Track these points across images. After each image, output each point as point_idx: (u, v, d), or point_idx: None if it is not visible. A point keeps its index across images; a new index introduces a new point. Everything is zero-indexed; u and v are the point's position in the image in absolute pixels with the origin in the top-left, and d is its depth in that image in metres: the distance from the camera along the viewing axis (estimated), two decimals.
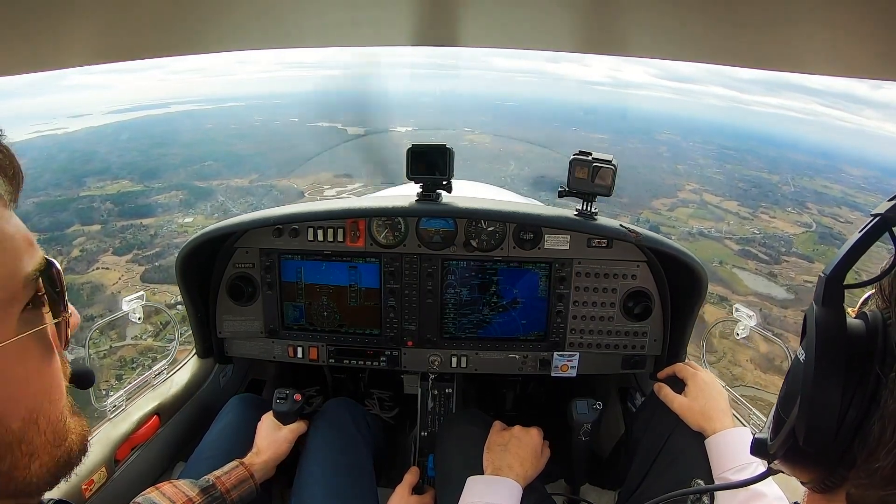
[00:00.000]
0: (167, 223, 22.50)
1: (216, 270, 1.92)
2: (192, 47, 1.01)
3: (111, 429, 1.57)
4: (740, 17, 0.70)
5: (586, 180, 1.67)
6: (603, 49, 1.08)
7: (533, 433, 1.58)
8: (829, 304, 0.53)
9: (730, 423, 1.42)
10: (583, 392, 1.71)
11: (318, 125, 43.78)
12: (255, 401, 1.89)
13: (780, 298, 19.61)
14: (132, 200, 24.58)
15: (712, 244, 24.22)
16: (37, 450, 0.58)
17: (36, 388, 0.58)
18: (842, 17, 0.62)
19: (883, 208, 0.53)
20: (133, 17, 0.77)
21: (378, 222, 1.89)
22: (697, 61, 1.00)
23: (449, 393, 2.07)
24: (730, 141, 56.59)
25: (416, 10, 0.94)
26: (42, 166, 23.86)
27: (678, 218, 28.35)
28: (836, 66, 0.83)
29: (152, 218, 22.91)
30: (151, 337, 13.83)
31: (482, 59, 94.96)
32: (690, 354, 1.93)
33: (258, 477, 1.49)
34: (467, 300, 1.94)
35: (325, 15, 0.92)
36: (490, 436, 1.59)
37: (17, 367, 0.55)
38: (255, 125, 52.50)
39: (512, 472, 1.43)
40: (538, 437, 1.59)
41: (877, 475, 0.47)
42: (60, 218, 20.41)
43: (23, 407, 0.56)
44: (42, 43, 0.75)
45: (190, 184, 28.18)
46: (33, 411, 0.57)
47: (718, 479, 1.32)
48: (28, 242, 0.56)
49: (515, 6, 0.85)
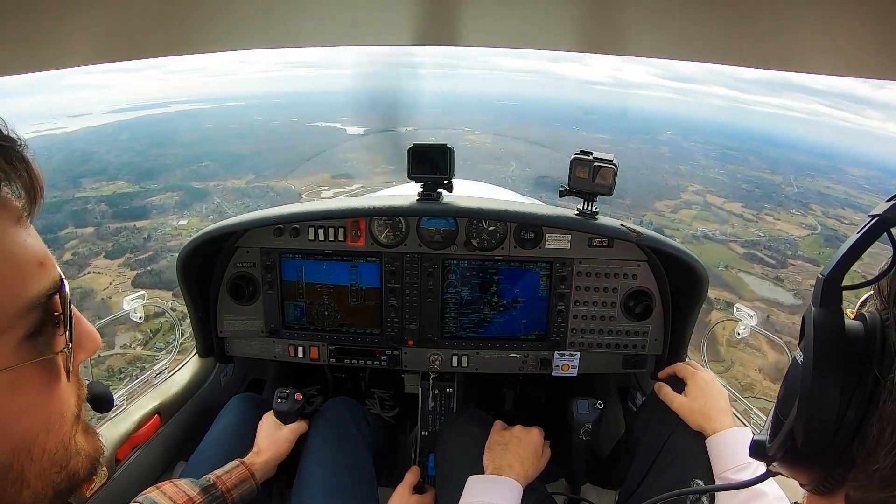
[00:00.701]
0: (161, 225, 22.46)
1: (217, 270, 1.92)
2: (192, 47, 1.01)
3: (112, 428, 1.57)
4: (741, 16, 0.70)
5: (587, 180, 1.67)
6: (604, 49, 1.07)
7: (534, 433, 1.58)
8: (827, 306, 0.53)
9: (730, 423, 1.42)
10: (583, 391, 1.71)
11: (316, 125, 43.24)
12: (256, 400, 1.89)
13: (788, 304, 19.55)
14: (127, 202, 24.54)
15: (717, 247, 24.15)
16: (28, 479, 0.54)
17: (31, 420, 0.54)
18: (843, 16, 0.61)
19: (881, 209, 0.53)
20: (133, 17, 0.76)
21: (379, 222, 1.89)
22: (698, 61, 1.00)
23: (450, 392, 2.07)
24: (731, 141, 56.32)
25: (416, 10, 0.94)
26: (40, 167, 24.00)
27: (682, 220, 28.28)
28: (838, 66, 0.83)
29: (147, 220, 22.88)
30: (141, 346, 13.75)
31: (483, 58, 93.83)
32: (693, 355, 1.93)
33: (259, 476, 1.50)
34: (468, 300, 1.94)
35: (325, 15, 0.91)
36: (491, 435, 1.59)
37: (9, 399, 0.51)
38: (255, 125, 52.22)
39: (512, 472, 1.43)
40: (539, 437, 1.58)
41: (876, 476, 0.47)
42: (54, 220, 20.34)
43: (12, 440, 0.52)
44: (42, 43, 0.75)
45: (187, 185, 28.13)
46: (24, 442, 0.53)
47: (719, 478, 1.31)
48: (37, 264, 0.52)
49: (516, 5, 0.84)
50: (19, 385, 0.51)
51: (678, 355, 1.89)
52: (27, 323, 0.51)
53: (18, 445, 0.52)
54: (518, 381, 2.62)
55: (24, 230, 0.52)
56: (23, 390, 0.52)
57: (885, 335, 0.49)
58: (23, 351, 0.51)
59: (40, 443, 0.54)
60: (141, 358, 12.78)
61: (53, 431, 0.56)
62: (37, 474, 0.55)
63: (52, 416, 0.56)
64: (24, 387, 0.52)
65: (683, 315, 1.84)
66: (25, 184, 0.52)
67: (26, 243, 0.52)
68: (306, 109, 68.40)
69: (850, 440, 0.49)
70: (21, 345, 0.51)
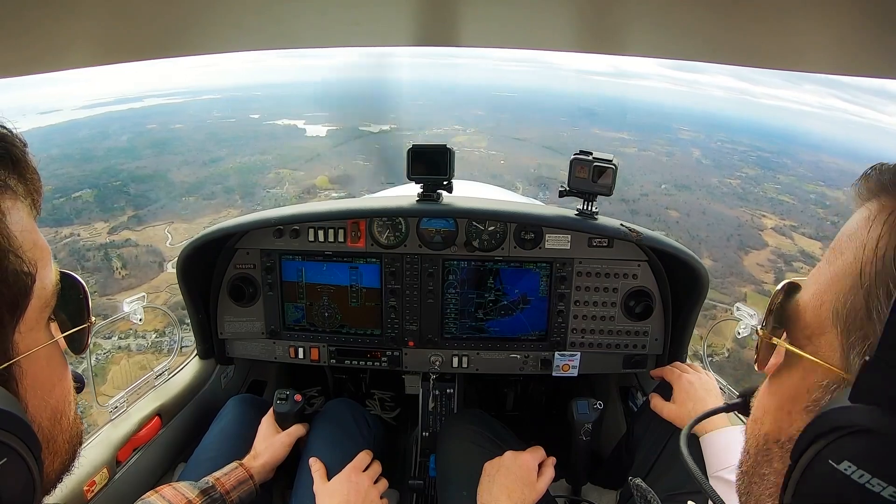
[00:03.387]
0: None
1: (217, 271, 1.92)
2: (191, 49, 1.01)
3: (112, 430, 1.57)
4: (741, 15, 0.70)
5: (587, 180, 1.67)
6: (603, 49, 1.07)
7: (523, 459, 1.44)
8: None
9: (720, 423, 1.40)
10: (584, 392, 1.71)
11: (277, 123, 41.23)
12: (254, 401, 1.89)
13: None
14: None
15: None
16: (59, 448, 0.61)
17: (61, 389, 0.62)
18: (843, 15, 0.61)
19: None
20: (132, 19, 0.76)
21: (379, 223, 1.89)
22: (698, 60, 1.00)
23: (450, 393, 2.07)
24: (757, 140, 51.52)
25: (416, 10, 0.94)
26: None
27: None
28: (838, 65, 0.83)
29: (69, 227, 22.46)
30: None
31: (475, 48, 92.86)
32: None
33: (257, 479, 1.50)
34: (468, 300, 1.93)
35: (325, 15, 0.91)
36: (486, 463, 1.48)
37: (46, 370, 0.59)
38: (206, 124, 49.56)
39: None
40: (531, 462, 1.44)
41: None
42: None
43: (50, 408, 0.59)
44: (42, 44, 0.75)
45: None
46: (57, 411, 0.61)
47: (713, 478, 1.31)
48: (51, 253, 0.59)
49: (516, 5, 0.84)
50: (51, 358, 0.60)
51: (679, 355, 1.89)
52: (54, 303, 0.60)
53: (54, 414, 0.60)
54: (519, 382, 2.62)
55: (35, 223, 0.59)
56: (54, 363, 0.60)
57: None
58: (53, 329, 0.60)
59: (66, 412, 0.63)
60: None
61: (70, 402, 0.64)
62: (65, 442, 0.62)
63: (69, 387, 0.64)
64: (54, 360, 0.61)
65: (684, 315, 1.84)
66: (35, 184, 0.59)
67: (40, 234, 0.59)
68: (279, 103, 66.31)
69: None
70: (49, 323, 0.60)
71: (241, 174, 34.47)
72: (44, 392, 0.58)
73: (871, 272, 0.46)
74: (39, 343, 0.57)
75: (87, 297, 0.66)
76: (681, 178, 36.09)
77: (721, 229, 27.96)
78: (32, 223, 0.57)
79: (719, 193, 34.53)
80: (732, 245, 26.02)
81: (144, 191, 29.39)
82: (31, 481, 0.51)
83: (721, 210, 31.43)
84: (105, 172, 31.84)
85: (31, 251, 0.54)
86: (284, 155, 39.21)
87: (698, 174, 38.75)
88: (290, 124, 45.33)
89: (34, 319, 0.56)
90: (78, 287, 0.65)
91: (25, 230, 0.55)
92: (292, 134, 43.41)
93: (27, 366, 0.55)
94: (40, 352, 0.57)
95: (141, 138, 42.61)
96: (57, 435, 0.61)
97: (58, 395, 0.61)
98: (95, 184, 29.18)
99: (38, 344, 0.56)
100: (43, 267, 0.56)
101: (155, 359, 3.00)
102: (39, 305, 0.56)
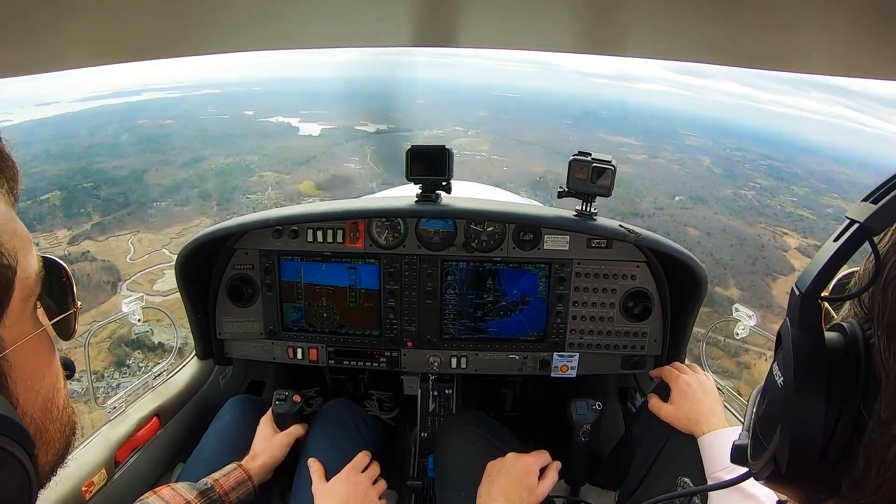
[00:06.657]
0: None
1: (216, 272, 1.91)
2: (193, 48, 1.01)
3: (111, 430, 1.57)
4: (741, 16, 0.70)
5: (586, 181, 1.67)
6: (604, 49, 1.07)
7: (524, 462, 1.41)
8: (806, 325, 0.49)
9: (718, 423, 1.40)
10: (582, 392, 1.71)
11: (270, 121, 39.82)
12: (253, 401, 1.89)
13: None
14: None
15: None
16: (52, 438, 0.61)
17: (50, 377, 0.61)
18: (843, 16, 0.62)
19: (860, 213, 0.47)
20: (133, 19, 0.76)
21: (377, 223, 1.89)
22: (699, 62, 1.00)
23: (449, 394, 2.07)
24: (767, 148, 49.24)
25: (416, 11, 0.94)
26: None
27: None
28: (838, 66, 0.83)
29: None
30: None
31: (476, 48, 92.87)
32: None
33: (256, 480, 1.49)
34: (467, 301, 1.93)
35: (325, 15, 0.91)
36: (489, 463, 1.48)
37: (35, 359, 0.58)
38: (199, 120, 47.88)
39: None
40: (531, 466, 1.42)
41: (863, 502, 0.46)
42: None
43: (41, 397, 0.58)
44: (42, 44, 0.75)
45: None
46: (47, 399, 0.60)
47: (710, 478, 1.30)
48: (31, 240, 0.58)
49: (516, 5, 0.84)
50: (39, 346, 0.59)
51: (678, 355, 1.89)
52: (38, 290, 0.58)
53: (45, 403, 0.59)
54: (517, 383, 2.61)
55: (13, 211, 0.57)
56: (41, 351, 0.60)
57: (870, 356, 0.45)
58: (38, 317, 0.59)
59: (55, 400, 0.61)
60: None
61: (60, 389, 0.63)
62: (56, 431, 0.61)
63: (58, 374, 0.63)
64: (42, 347, 0.60)
65: (682, 315, 1.85)
66: (11, 171, 0.57)
67: (19, 222, 0.57)
68: (277, 99, 65.28)
69: (834, 466, 0.47)
70: (34, 312, 0.58)
71: (222, 176, 33.61)
72: (34, 381, 0.57)
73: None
74: (26, 334, 0.55)
75: (71, 281, 0.65)
76: (695, 190, 35.09)
77: (744, 251, 27.23)
78: (10, 212, 0.55)
79: (736, 207, 33.76)
80: (759, 271, 25.27)
81: (115, 194, 28.81)
82: (28, 481, 0.50)
83: (741, 227, 30.63)
84: (80, 172, 31.13)
85: (9, 242, 0.52)
86: (272, 156, 38.42)
87: (712, 184, 37.66)
88: (284, 122, 44.62)
89: (19, 311, 0.54)
90: (61, 271, 0.63)
91: (3, 220, 0.53)
92: (284, 132, 42.67)
93: (15, 358, 0.53)
94: (28, 341, 0.55)
95: (128, 134, 41.79)
96: (49, 424, 0.60)
97: (48, 382, 0.60)
98: (66, 185, 28.61)
99: (24, 335, 0.55)
100: (24, 256, 0.55)
101: (88, 409, 2.45)
102: (23, 296, 0.54)
